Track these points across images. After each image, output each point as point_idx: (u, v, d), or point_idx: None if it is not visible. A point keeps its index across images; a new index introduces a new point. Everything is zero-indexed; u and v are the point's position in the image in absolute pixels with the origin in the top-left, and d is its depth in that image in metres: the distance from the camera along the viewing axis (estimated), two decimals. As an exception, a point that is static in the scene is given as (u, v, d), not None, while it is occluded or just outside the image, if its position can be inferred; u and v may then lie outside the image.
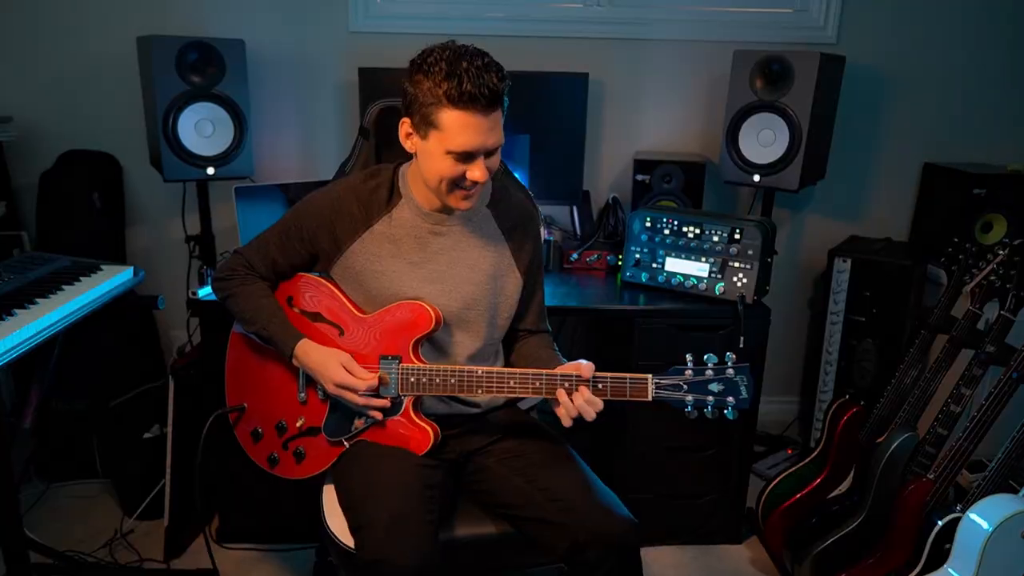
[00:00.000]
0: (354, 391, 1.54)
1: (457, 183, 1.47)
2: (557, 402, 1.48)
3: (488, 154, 1.46)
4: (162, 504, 2.23)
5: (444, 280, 1.59)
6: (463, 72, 1.36)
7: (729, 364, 1.45)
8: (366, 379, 1.54)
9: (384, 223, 1.58)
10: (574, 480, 1.54)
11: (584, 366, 1.47)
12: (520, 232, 1.67)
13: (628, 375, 1.46)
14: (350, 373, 1.54)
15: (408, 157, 1.59)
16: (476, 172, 1.45)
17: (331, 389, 1.56)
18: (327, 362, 1.55)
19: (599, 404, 1.46)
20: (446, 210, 1.58)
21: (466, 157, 1.43)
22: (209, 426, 1.73)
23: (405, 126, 1.48)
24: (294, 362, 1.60)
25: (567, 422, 1.48)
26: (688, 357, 1.46)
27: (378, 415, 1.57)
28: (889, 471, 1.94)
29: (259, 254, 1.66)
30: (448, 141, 1.41)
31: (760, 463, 2.73)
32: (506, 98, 1.44)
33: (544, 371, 1.49)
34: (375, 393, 1.56)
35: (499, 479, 1.59)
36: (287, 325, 1.61)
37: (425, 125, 1.43)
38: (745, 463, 2.29)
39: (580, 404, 1.45)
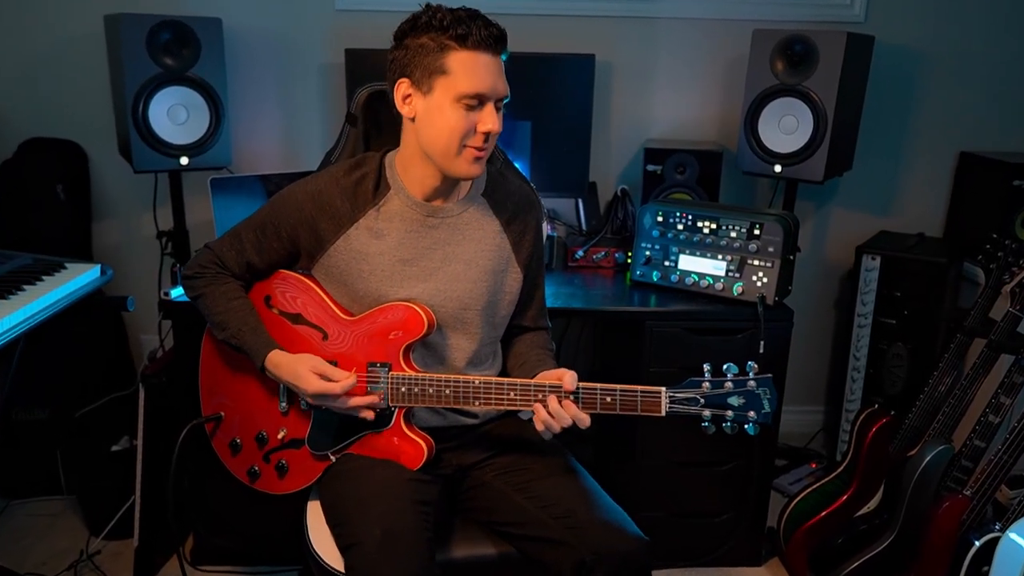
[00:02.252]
0: (333, 397, 1.54)
1: (466, 140, 1.48)
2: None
3: (498, 107, 1.48)
4: (131, 523, 2.23)
5: (438, 278, 1.60)
6: (467, 18, 1.43)
7: (751, 375, 1.45)
8: (341, 380, 1.53)
9: (371, 217, 1.58)
10: (579, 495, 1.54)
11: (567, 377, 1.47)
12: (520, 222, 1.67)
13: (639, 388, 1.46)
14: (324, 378, 1.54)
15: (396, 144, 1.59)
16: (488, 121, 1.46)
17: (310, 402, 1.57)
18: (297, 372, 1.54)
19: (586, 420, 1.46)
20: (440, 198, 1.59)
21: (478, 104, 1.45)
22: (184, 437, 1.73)
23: (403, 87, 1.50)
24: (267, 374, 1.60)
25: (539, 426, 1.48)
26: (706, 367, 1.46)
27: (370, 414, 1.57)
28: (922, 487, 1.94)
29: (233, 251, 1.66)
30: (459, 84, 1.44)
31: (782, 478, 2.74)
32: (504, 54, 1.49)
33: (547, 383, 1.49)
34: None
35: (498, 495, 1.59)
36: (259, 333, 1.60)
37: (429, 76, 1.45)
38: (765, 478, 2.29)
39: (575, 414, 1.45)
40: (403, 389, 1.55)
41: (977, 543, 1.79)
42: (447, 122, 1.46)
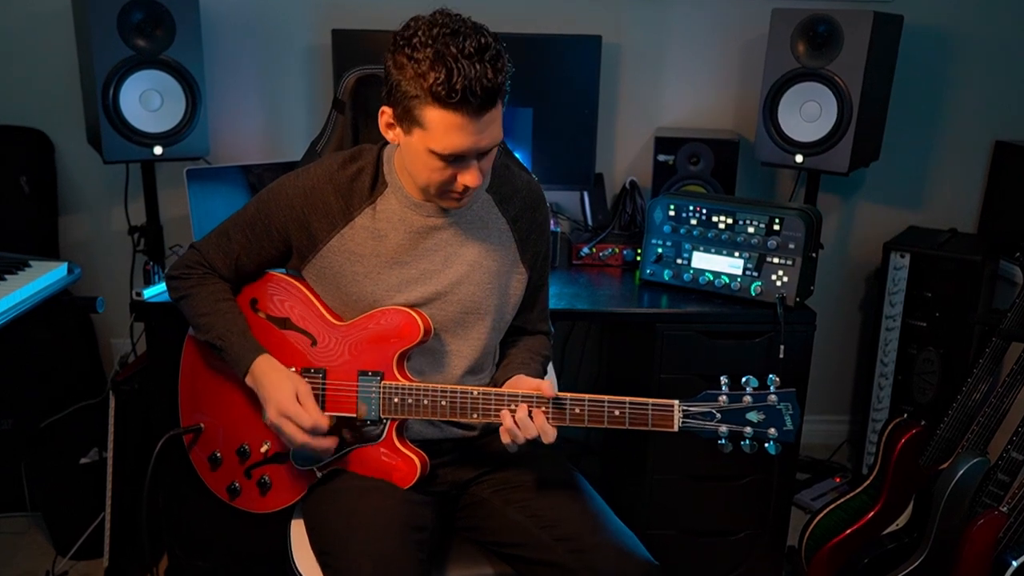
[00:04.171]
0: (297, 425, 1.51)
1: (445, 187, 1.47)
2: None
3: (482, 155, 1.46)
4: (101, 542, 2.23)
5: (438, 281, 1.59)
6: (452, 63, 1.33)
7: (772, 389, 1.44)
8: (313, 416, 1.51)
9: (367, 216, 1.58)
10: (584, 516, 1.53)
11: (545, 385, 1.48)
12: (527, 219, 1.67)
13: (650, 400, 1.45)
14: (299, 405, 1.52)
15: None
16: (467, 177, 1.45)
17: (271, 416, 1.53)
18: (281, 385, 1.53)
19: (551, 435, 1.46)
20: None
21: (455, 160, 1.43)
22: (160, 450, 1.73)
23: (385, 116, 1.48)
24: (247, 381, 1.58)
25: (505, 437, 1.48)
26: (723, 380, 1.45)
27: (328, 452, 1.55)
28: (954, 503, 1.94)
29: (220, 251, 1.65)
30: (433, 142, 1.41)
31: (804, 493, 2.74)
32: (508, 86, 1.42)
33: (552, 395, 1.49)
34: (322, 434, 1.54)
35: (496, 514, 1.59)
36: (246, 338, 1.60)
37: (408, 120, 1.42)
38: (786, 493, 2.29)
39: (541, 426, 1.45)
40: (396, 400, 1.54)
41: (1015, 563, 1.79)
42: (424, 169, 1.46)
